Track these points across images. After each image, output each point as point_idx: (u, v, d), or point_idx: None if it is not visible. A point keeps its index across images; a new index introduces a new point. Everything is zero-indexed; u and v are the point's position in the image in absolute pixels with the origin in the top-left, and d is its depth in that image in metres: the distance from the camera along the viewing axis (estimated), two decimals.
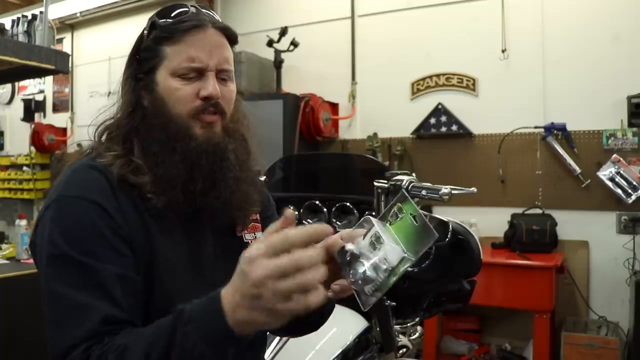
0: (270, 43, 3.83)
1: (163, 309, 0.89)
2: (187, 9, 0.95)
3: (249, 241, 1.06)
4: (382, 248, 0.75)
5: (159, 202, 0.90)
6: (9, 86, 5.81)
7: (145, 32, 0.97)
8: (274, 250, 0.62)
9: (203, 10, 0.97)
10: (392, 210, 0.79)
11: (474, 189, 1.29)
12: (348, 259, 0.75)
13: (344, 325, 1.45)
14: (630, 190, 3.08)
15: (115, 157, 0.91)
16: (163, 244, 0.92)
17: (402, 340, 1.60)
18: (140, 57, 0.96)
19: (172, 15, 0.94)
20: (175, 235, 0.94)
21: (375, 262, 0.74)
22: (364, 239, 0.77)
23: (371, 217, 0.79)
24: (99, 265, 0.82)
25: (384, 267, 0.73)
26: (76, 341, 0.78)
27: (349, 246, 0.76)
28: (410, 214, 0.77)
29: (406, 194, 0.80)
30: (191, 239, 0.97)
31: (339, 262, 0.76)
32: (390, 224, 0.78)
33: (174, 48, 0.92)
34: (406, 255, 0.74)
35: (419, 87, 3.74)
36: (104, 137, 0.97)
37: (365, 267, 0.74)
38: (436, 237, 0.74)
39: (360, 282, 0.74)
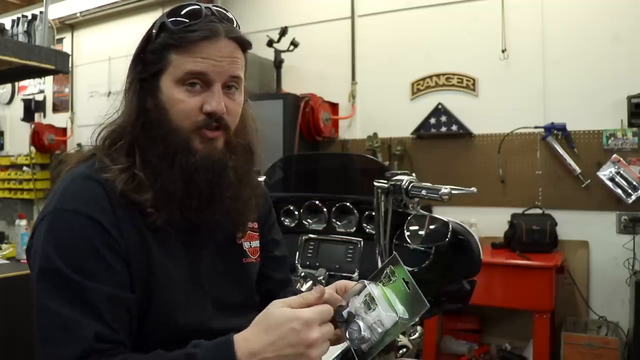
0: (270, 43, 3.83)
1: (161, 323, 0.89)
2: (199, 9, 0.89)
3: (247, 250, 1.06)
4: (377, 309, 0.81)
5: (159, 219, 0.88)
6: (9, 86, 5.80)
7: (154, 32, 0.91)
8: (324, 319, 0.78)
9: (215, 9, 0.92)
10: (385, 272, 0.84)
11: (473, 189, 1.29)
12: (345, 317, 0.82)
13: None
14: (630, 190, 3.08)
15: (120, 170, 0.88)
16: (162, 259, 0.90)
17: (402, 340, 1.60)
18: (146, 58, 0.91)
19: (184, 17, 0.89)
20: (174, 249, 0.93)
21: (370, 323, 0.81)
22: (358, 296, 0.84)
23: (365, 280, 0.85)
24: (90, 285, 0.81)
25: (379, 330, 0.80)
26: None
27: (346, 305, 0.83)
28: (403, 279, 0.82)
29: (398, 257, 0.84)
30: (190, 251, 0.95)
31: (337, 319, 0.83)
32: (383, 285, 0.84)
33: (181, 56, 0.88)
34: (399, 320, 0.80)
35: (419, 87, 3.74)
36: (107, 143, 0.93)
37: (361, 327, 0.81)
38: (427, 307, 0.80)
39: (356, 340, 0.81)
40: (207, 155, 0.90)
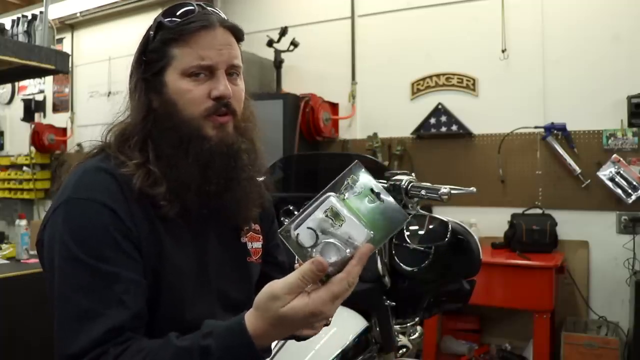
0: (270, 43, 3.83)
1: (169, 318, 0.89)
2: (193, 8, 0.93)
3: (250, 249, 1.07)
4: (344, 225, 0.68)
5: (171, 210, 0.90)
6: (9, 86, 5.81)
7: (152, 32, 0.94)
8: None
9: (209, 8, 0.95)
10: (346, 182, 0.71)
11: (473, 189, 1.29)
12: (313, 241, 0.69)
13: (344, 325, 1.45)
14: (630, 190, 3.08)
15: (136, 166, 0.90)
16: (172, 250, 0.91)
17: (402, 340, 1.60)
18: (148, 58, 0.94)
19: (179, 14, 0.92)
20: (184, 241, 0.94)
21: (339, 239, 0.69)
22: (315, 213, 0.69)
23: (330, 194, 0.71)
24: (110, 269, 0.82)
25: (355, 243, 0.69)
26: (81, 351, 0.78)
27: (308, 223, 0.69)
28: (371, 190, 0.70)
29: (360, 164, 0.71)
30: (198, 244, 0.97)
31: (298, 246, 0.70)
32: (345, 198, 0.70)
33: (182, 49, 0.91)
34: (374, 236, 0.69)
35: (419, 87, 3.74)
36: (119, 141, 0.94)
37: (336, 243, 0.69)
38: (406, 218, 0.69)
39: (333, 260, 0.69)
40: (220, 140, 0.93)
